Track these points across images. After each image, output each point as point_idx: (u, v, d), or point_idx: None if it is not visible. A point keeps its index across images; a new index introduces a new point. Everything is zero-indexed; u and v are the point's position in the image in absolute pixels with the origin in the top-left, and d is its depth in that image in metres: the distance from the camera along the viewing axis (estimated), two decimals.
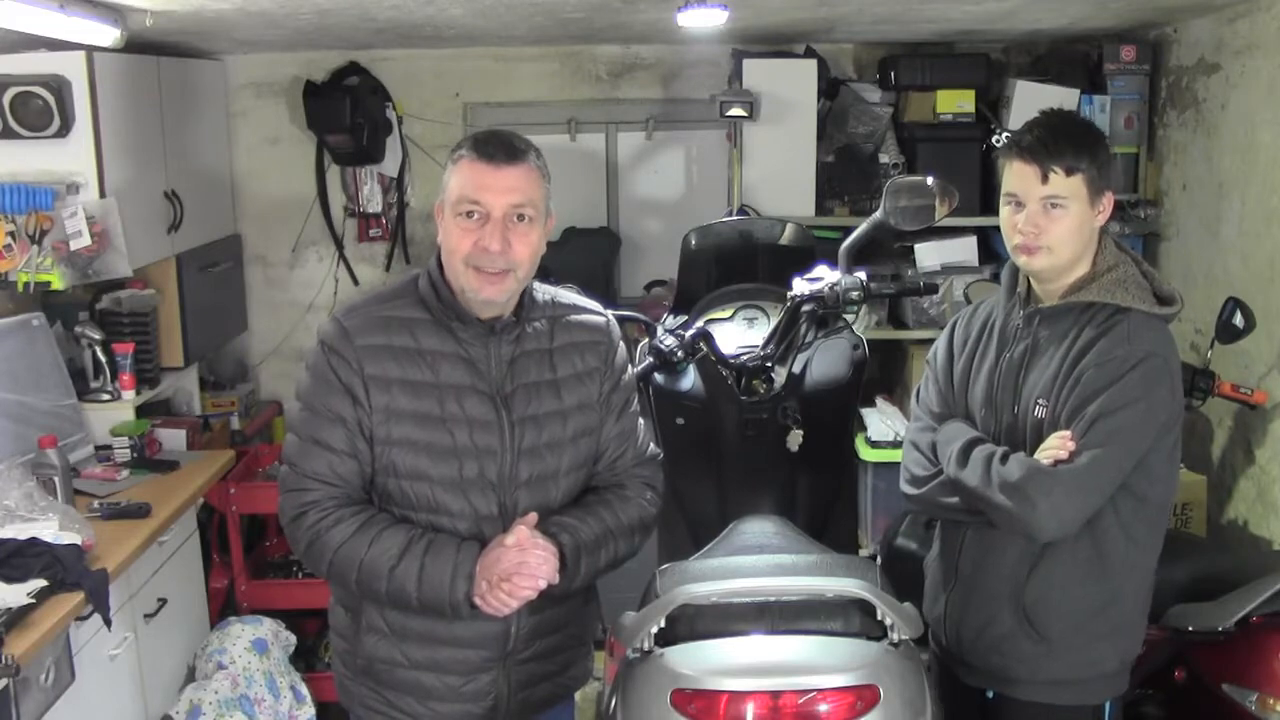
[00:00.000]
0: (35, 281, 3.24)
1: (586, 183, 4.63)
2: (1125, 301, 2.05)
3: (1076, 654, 2.12)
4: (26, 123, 3.23)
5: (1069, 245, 2.07)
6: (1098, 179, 2.06)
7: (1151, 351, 2.02)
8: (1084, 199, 2.05)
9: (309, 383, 2.02)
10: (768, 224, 3.26)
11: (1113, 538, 2.08)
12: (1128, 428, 1.99)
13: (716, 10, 2.98)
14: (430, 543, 1.94)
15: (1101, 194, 2.08)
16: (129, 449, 3.42)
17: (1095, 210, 2.08)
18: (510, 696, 2.09)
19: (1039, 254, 2.08)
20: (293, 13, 3.20)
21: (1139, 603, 2.18)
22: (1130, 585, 2.14)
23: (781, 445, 2.58)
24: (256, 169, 4.59)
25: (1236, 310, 3.13)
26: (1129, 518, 2.08)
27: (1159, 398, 2.02)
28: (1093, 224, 2.09)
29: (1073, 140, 2.05)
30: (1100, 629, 2.12)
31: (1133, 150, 4.06)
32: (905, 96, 4.13)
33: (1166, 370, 2.04)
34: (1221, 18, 3.52)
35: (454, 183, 1.97)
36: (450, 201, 1.97)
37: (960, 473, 2.10)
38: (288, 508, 2.00)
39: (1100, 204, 2.08)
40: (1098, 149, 2.08)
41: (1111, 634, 2.14)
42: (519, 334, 2.03)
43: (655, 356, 2.63)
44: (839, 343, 2.75)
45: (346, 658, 2.12)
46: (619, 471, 2.14)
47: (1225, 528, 3.46)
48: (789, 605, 2.02)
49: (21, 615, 2.40)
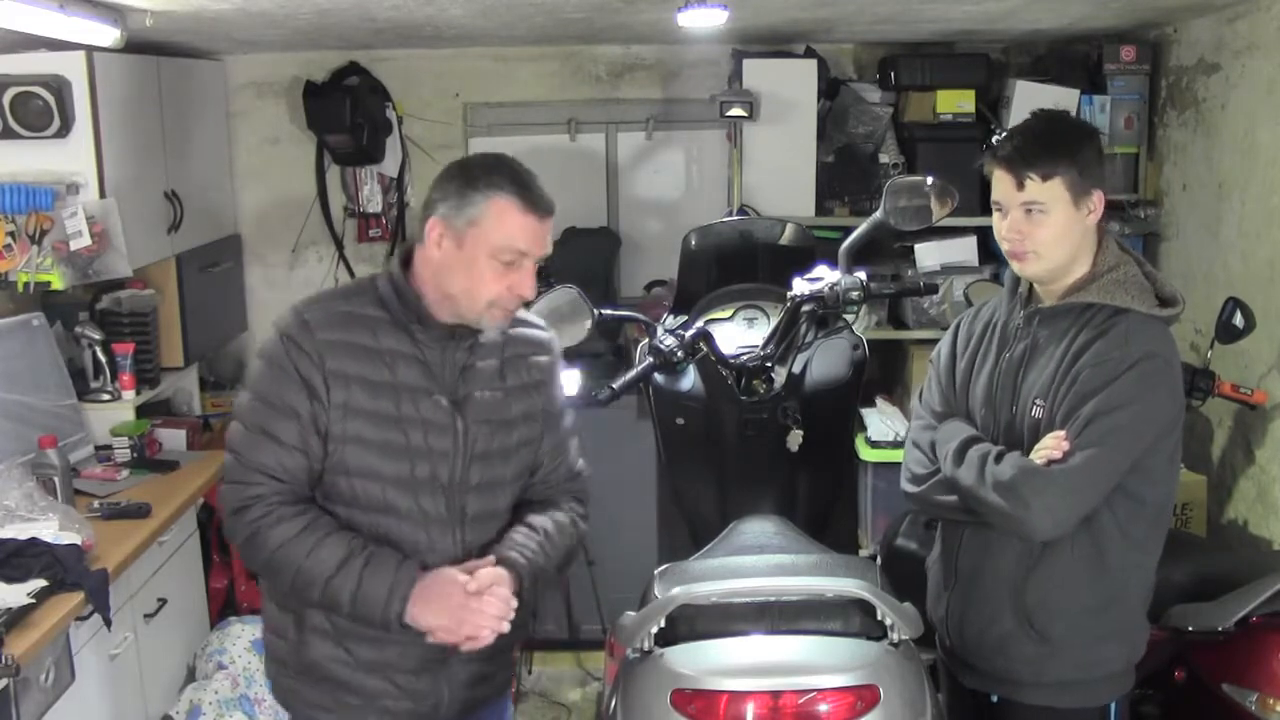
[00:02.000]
0: (35, 281, 3.24)
1: (586, 183, 4.63)
2: (1124, 302, 2.04)
3: (1079, 655, 2.12)
4: (26, 123, 3.23)
5: (1056, 248, 2.07)
6: (1080, 180, 2.05)
7: (1150, 352, 2.01)
8: (1065, 201, 2.05)
9: (264, 372, 1.99)
10: (768, 224, 3.26)
11: (1111, 538, 2.08)
12: (1123, 428, 1.99)
13: (716, 10, 2.98)
14: (370, 557, 1.93)
15: (1088, 194, 2.06)
16: (129, 449, 3.42)
17: (1082, 211, 2.07)
18: (452, 697, 2.10)
19: (1028, 259, 2.09)
20: (293, 13, 3.20)
21: (1141, 603, 2.18)
22: (1131, 586, 2.14)
23: (781, 445, 2.58)
24: (256, 169, 4.59)
25: (1236, 310, 3.13)
26: (1126, 519, 2.07)
27: (1156, 399, 2.02)
28: (1082, 225, 2.08)
29: (1048, 144, 2.05)
30: (1102, 630, 2.12)
31: (1133, 150, 4.05)
32: (905, 96, 4.13)
33: (1165, 371, 2.03)
34: (1221, 18, 3.52)
35: (497, 226, 1.93)
36: (493, 245, 1.93)
37: (956, 471, 2.11)
38: (231, 499, 1.99)
39: (1088, 204, 2.07)
40: (1080, 149, 2.07)
41: (1114, 635, 2.13)
42: (473, 343, 2.04)
43: (655, 356, 2.63)
44: (839, 343, 2.75)
45: (288, 657, 2.09)
46: (551, 485, 2.17)
47: (1225, 528, 3.46)
48: (789, 605, 2.02)
49: (21, 615, 2.40)
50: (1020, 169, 2.05)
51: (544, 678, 4.12)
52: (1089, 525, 2.06)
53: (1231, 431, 3.47)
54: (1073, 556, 2.09)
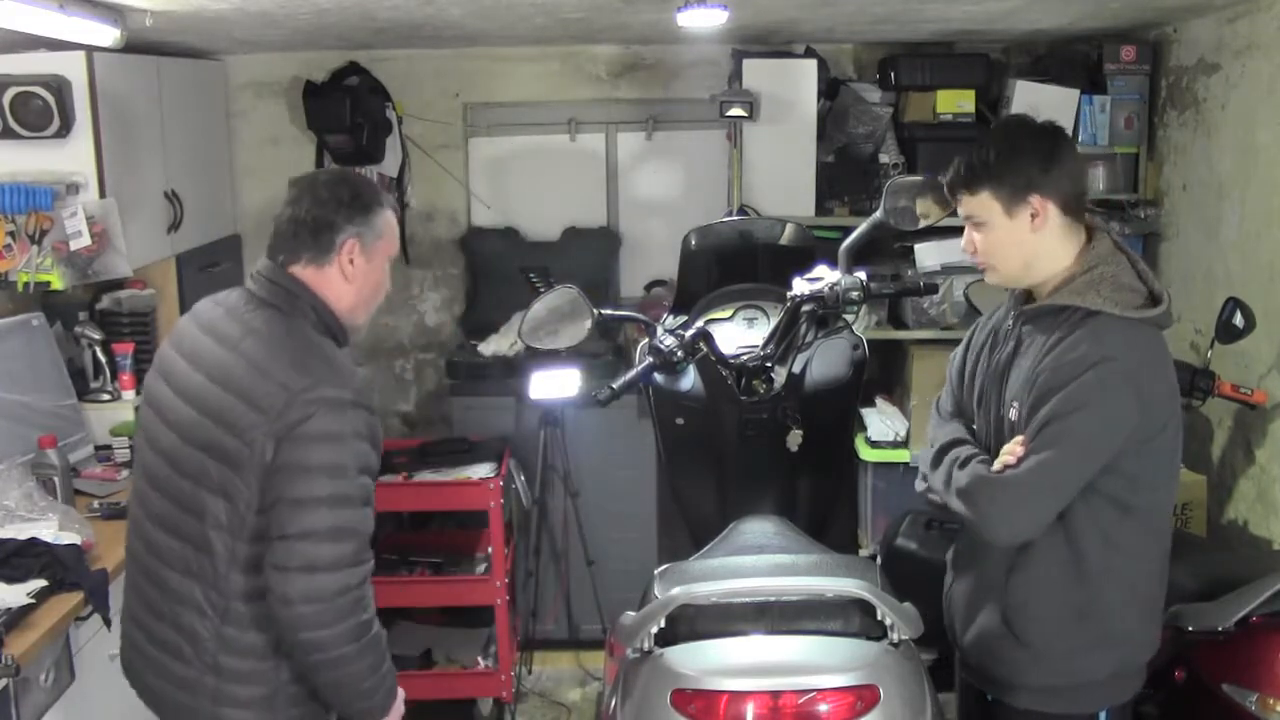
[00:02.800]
0: (35, 281, 3.23)
1: (586, 183, 4.63)
2: (1094, 304, 2.02)
3: (1061, 662, 2.10)
4: (26, 123, 3.22)
5: (1004, 258, 2.11)
6: (1011, 191, 2.06)
7: (1107, 356, 1.98)
8: (998, 212, 2.07)
9: (360, 447, 1.95)
10: (768, 224, 3.26)
11: (1091, 546, 2.05)
12: (1077, 432, 1.97)
13: (716, 10, 2.98)
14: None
15: (1022, 202, 2.06)
16: (129, 449, 3.42)
17: (1019, 220, 2.07)
18: None
19: (988, 270, 2.16)
20: (292, 13, 3.20)
21: (1132, 612, 2.12)
22: (1114, 595, 2.09)
23: (781, 445, 2.59)
24: (256, 169, 4.59)
25: (1236, 310, 3.13)
26: (1111, 526, 2.05)
27: (1113, 402, 1.98)
28: (1027, 231, 2.07)
29: (976, 158, 2.09)
30: (1083, 638, 2.09)
31: (1133, 150, 4.05)
32: (905, 96, 4.13)
33: (1124, 374, 1.98)
34: (1221, 18, 3.52)
35: (391, 238, 2.18)
36: (389, 254, 2.18)
37: (931, 475, 2.15)
38: (354, 581, 1.92)
39: (1024, 212, 2.06)
40: (1013, 158, 2.06)
41: (1097, 644, 2.10)
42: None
43: (655, 356, 2.63)
44: (839, 343, 2.75)
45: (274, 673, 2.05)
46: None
47: (1225, 528, 3.46)
48: (789, 605, 2.03)
49: (21, 615, 2.40)
50: (954, 188, 2.13)
51: (544, 678, 4.13)
52: (1066, 531, 2.05)
53: (1231, 431, 3.47)
54: (1049, 561, 2.08)
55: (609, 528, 4.06)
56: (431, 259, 4.69)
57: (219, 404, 1.96)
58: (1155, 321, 2.04)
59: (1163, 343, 2.08)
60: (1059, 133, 2.13)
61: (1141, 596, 2.13)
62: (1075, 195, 2.10)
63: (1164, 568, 2.16)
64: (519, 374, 3.99)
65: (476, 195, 4.64)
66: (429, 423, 4.75)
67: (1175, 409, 2.08)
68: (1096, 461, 2.00)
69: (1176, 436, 2.10)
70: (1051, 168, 2.06)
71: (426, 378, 4.78)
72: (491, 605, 3.67)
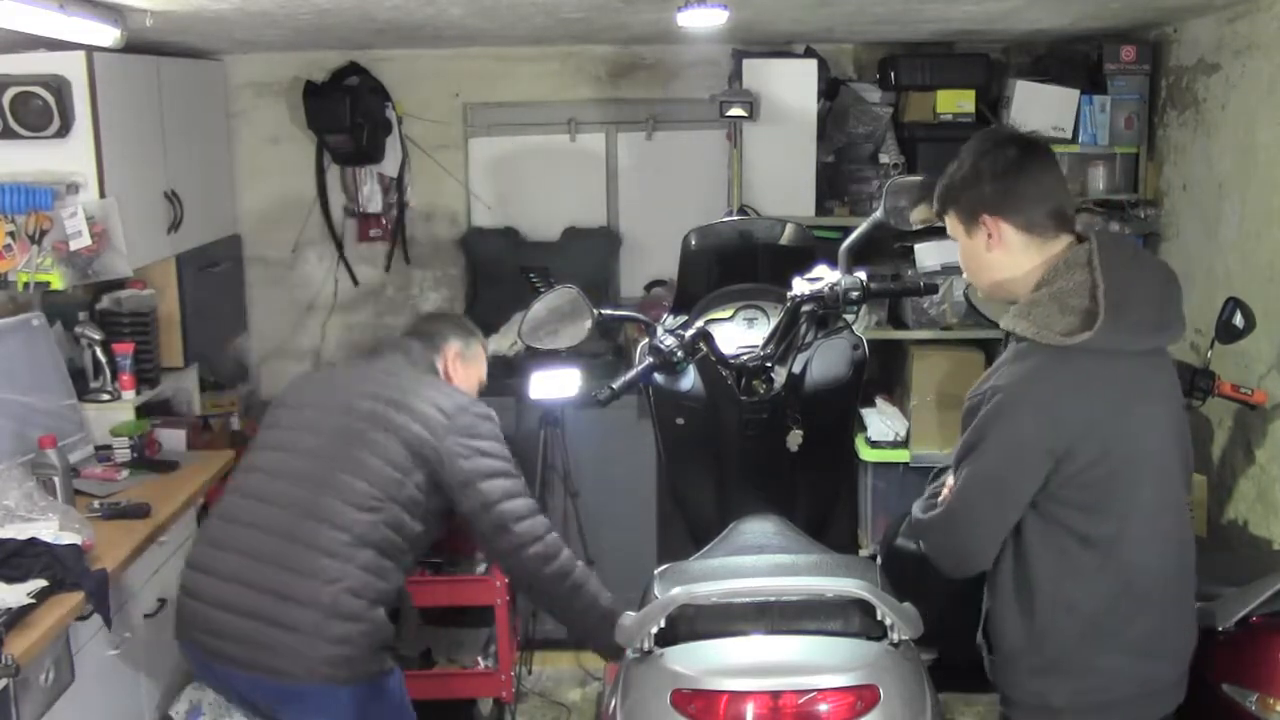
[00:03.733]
0: (35, 281, 3.24)
1: (586, 183, 4.63)
2: (1020, 329, 2.00)
3: (1023, 679, 2.11)
4: (26, 123, 3.23)
5: (976, 273, 2.16)
6: (967, 212, 2.08)
7: (996, 387, 1.98)
8: (961, 232, 2.13)
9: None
10: (768, 224, 3.26)
11: (1042, 572, 2.04)
12: (978, 469, 2.01)
13: (716, 10, 2.98)
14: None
15: (976, 222, 2.07)
16: (129, 449, 3.42)
17: (976, 240, 2.09)
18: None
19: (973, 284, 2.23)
20: (293, 13, 3.20)
21: (1091, 645, 2.05)
22: (1067, 624, 2.04)
23: (781, 445, 2.58)
24: (256, 169, 4.59)
25: (1236, 310, 3.13)
26: (1069, 556, 2.02)
27: (1012, 427, 1.96)
28: (984, 250, 2.08)
29: (941, 181, 2.14)
30: (1035, 663, 2.08)
31: (1133, 150, 4.05)
32: (905, 96, 4.13)
33: (1024, 399, 1.95)
34: (1221, 18, 3.52)
35: (483, 365, 3.02)
36: (480, 376, 3.02)
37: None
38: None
39: (981, 231, 2.07)
40: (967, 181, 2.07)
41: (1050, 670, 2.07)
42: None
43: (655, 356, 2.63)
44: (839, 343, 2.75)
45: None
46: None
47: (1225, 528, 3.46)
48: (789, 605, 2.02)
49: (21, 615, 2.40)
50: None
51: (544, 678, 4.12)
52: (1017, 555, 2.07)
53: (1231, 431, 3.47)
54: (1006, 579, 2.09)
55: (609, 528, 4.06)
56: (431, 259, 4.69)
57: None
58: (1083, 347, 1.93)
59: (1087, 370, 1.96)
60: (1027, 148, 2.07)
61: (1107, 634, 2.05)
62: (1045, 212, 2.04)
63: (1138, 608, 2.05)
64: (519, 374, 3.99)
65: (476, 195, 4.64)
66: None
67: (1106, 439, 1.97)
68: (1012, 488, 1.99)
69: (1123, 472, 1.99)
70: (1007, 189, 2.03)
71: None
72: (491, 605, 3.67)
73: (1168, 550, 2.08)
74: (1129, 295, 1.96)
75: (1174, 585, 2.11)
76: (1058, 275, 2.01)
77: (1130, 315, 1.95)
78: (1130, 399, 1.99)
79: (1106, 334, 1.92)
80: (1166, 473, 2.06)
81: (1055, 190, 2.07)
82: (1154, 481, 2.03)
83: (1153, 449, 2.03)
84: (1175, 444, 2.08)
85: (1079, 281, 1.98)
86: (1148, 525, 2.03)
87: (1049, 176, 2.07)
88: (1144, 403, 2.01)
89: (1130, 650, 2.06)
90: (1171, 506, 2.09)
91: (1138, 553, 2.03)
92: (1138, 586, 2.04)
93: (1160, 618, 2.08)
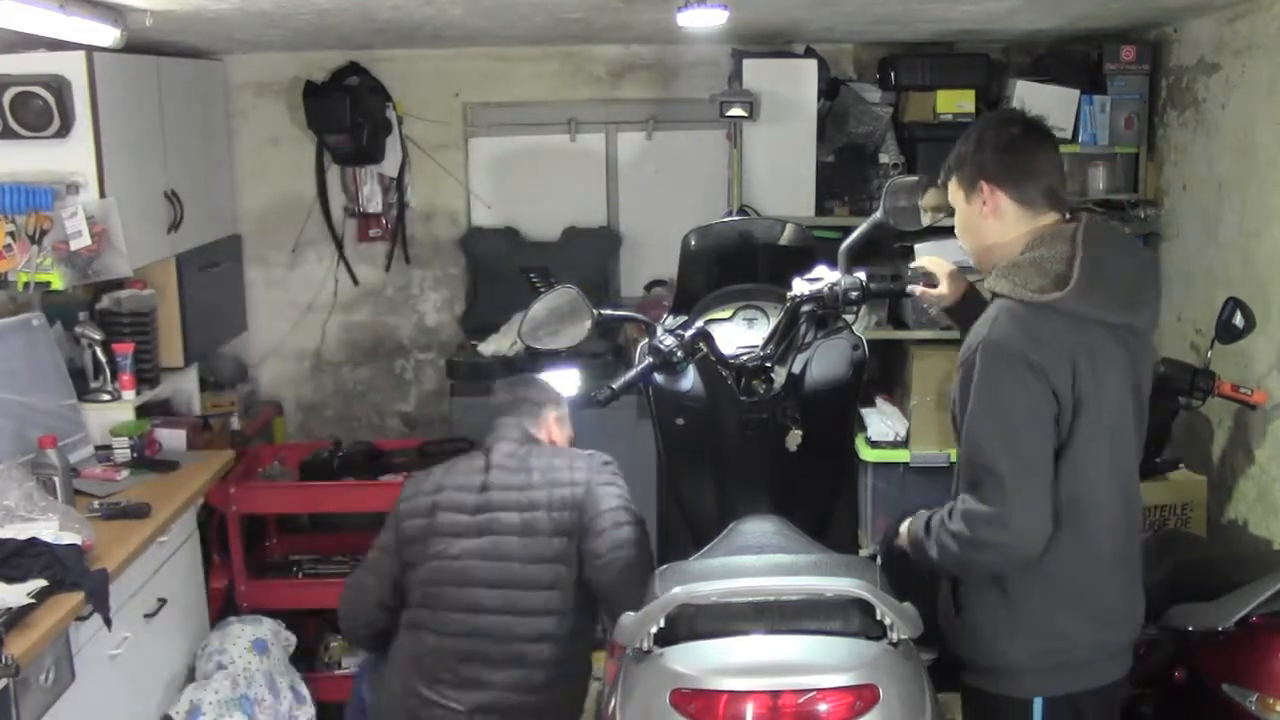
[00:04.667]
0: (35, 281, 3.24)
1: (586, 183, 4.63)
2: (998, 288, 2.12)
3: (988, 639, 2.16)
4: (26, 123, 3.23)
5: (968, 238, 2.27)
6: (968, 178, 2.20)
7: (980, 336, 2.08)
8: (961, 198, 2.25)
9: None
10: (768, 224, 3.26)
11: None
12: (995, 418, 2.07)
13: (716, 10, 2.98)
14: None
15: (975, 188, 2.19)
16: (129, 449, 3.42)
17: (975, 205, 2.20)
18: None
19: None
20: (293, 13, 3.20)
21: (1062, 613, 2.12)
22: (1036, 589, 2.11)
23: (781, 445, 2.58)
24: (256, 169, 4.59)
25: (1236, 310, 3.13)
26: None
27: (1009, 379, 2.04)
28: (979, 216, 2.20)
29: (951, 154, 2.28)
30: (1005, 620, 2.13)
31: (1133, 150, 4.05)
32: (905, 96, 4.13)
33: (1000, 357, 2.05)
34: (1221, 18, 3.52)
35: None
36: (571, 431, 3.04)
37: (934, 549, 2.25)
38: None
39: (978, 197, 2.19)
40: (972, 149, 2.20)
41: (1018, 629, 2.13)
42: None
43: (655, 356, 2.63)
44: (839, 343, 2.75)
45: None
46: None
47: (1225, 528, 3.46)
48: (789, 605, 2.02)
49: (21, 615, 2.40)
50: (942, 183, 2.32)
51: None
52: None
53: (1231, 431, 3.47)
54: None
55: None
56: (431, 259, 4.69)
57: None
58: (1055, 306, 2.05)
59: (1057, 326, 2.05)
60: (1030, 128, 2.21)
61: (1070, 599, 2.12)
62: (1039, 189, 2.16)
63: (1101, 576, 2.13)
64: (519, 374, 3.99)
65: (476, 195, 4.64)
66: (429, 423, 4.75)
67: (1079, 391, 2.05)
68: (1036, 430, 2.04)
69: (1089, 428, 2.07)
70: (1007, 161, 2.16)
71: (426, 378, 4.78)
72: None
73: (1118, 515, 2.16)
74: (1103, 269, 2.08)
75: (1128, 554, 2.19)
76: (1041, 244, 2.13)
77: (1101, 287, 2.07)
78: (1095, 361, 2.07)
79: (1075, 298, 2.04)
80: (1124, 443, 2.15)
81: (1050, 170, 2.20)
82: (1111, 449, 2.11)
83: (1113, 413, 2.10)
84: (1134, 422, 2.16)
85: (1060, 251, 2.10)
86: (1101, 490, 2.11)
87: (1046, 156, 2.20)
88: (1107, 370, 2.09)
89: (1091, 616, 2.14)
90: (1125, 475, 2.17)
91: (1092, 517, 2.11)
92: (1102, 554, 2.13)
93: (1114, 581, 2.17)
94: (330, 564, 3.91)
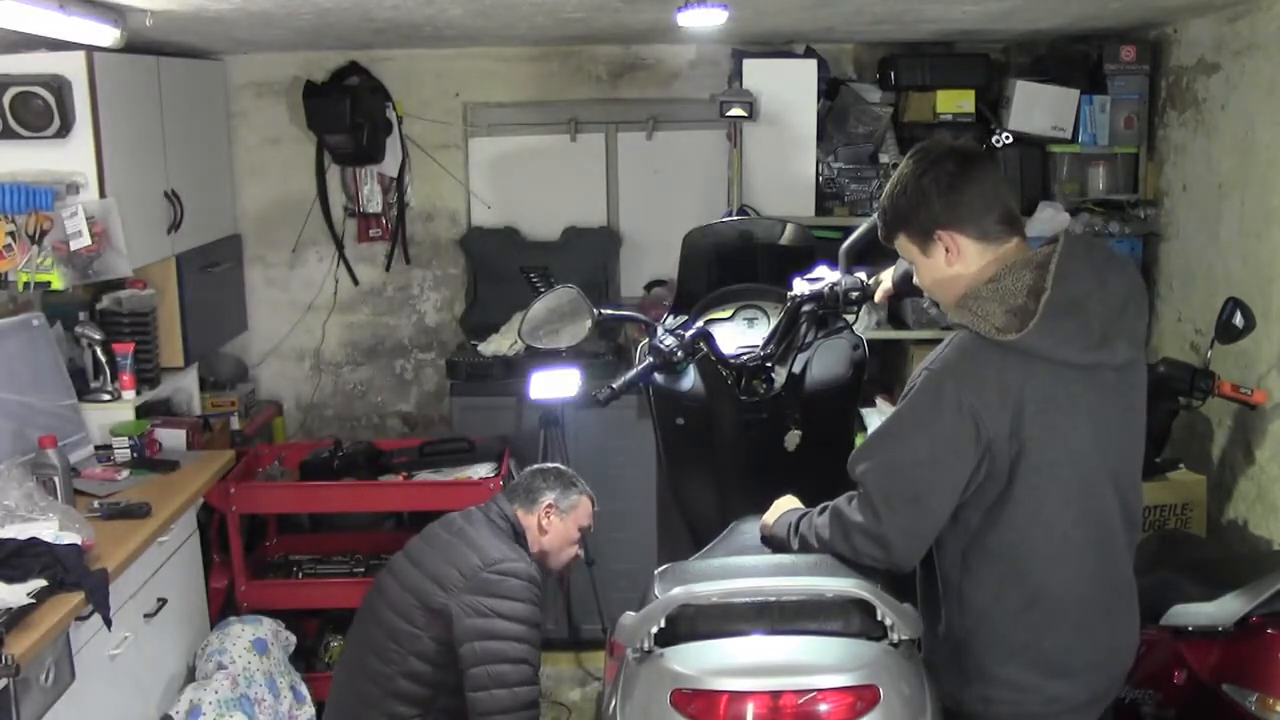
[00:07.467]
0: (35, 281, 3.24)
1: (586, 183, 4.63)
2: (958, 319, 2.03)
3: (946, 680, 2.08)
4: (26, 123, 3.23)
5: (939, 292, 2.13)
6: (920, 232, 2.07)
7: (927, 367, 2.01)
8: (916, 253, 2.11)
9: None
10: (768, 224, 3.26)
11: (950, 568, 2.08)
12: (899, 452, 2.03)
13: (716, 10, 2.98)
14: None
15: (929, 238, 2.07)
16: (129, 449, 3.42)
17: (934, 257, 2.08)
18: None
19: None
20: (293, 13, 3.20)
21: (999, 656, 2.05)
22: (977, 633, 2.05)
23: (781, 445, 2.58)
24: (256, 169, 4.59)
25: (1236, 310, 3.13)
26: (973, 559, 2.04)
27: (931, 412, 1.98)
28: (944, 267, 2.07)
29: (884, 210, 2.14)
30: (944, 658, 2.09)
31: (1133, 150, 4.05)
32: (905, 96, 4.13)
33: (939, 387, 1.97)
34: (1221, 18, 3.52)
35: (585, 513, 3.13)
36: (580, 523, 3.11)
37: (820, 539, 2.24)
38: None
39: (938, 247, 2.06)
40: (914, 200, 2.06)
41: (967, 679, 2.07)
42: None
43: (655, 356, 2.63)
44: (839, 343, 2.75)
45: None
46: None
47: (1225, 528, 3.46)
48: (789, 605, 2.02)
49: (21, 615, 2.40)
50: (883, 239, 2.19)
51: (544, 677, 4.11)
52: (936, 554, 2.09)
53: (1231, 431, 3.47)
54: (927, 569, 2.12)
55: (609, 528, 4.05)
56: (431, 259, 4.69)
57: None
58: (1014, 346, 1.94)
59: (1014, 365, 1.95)
60: (965, 159, 2.06)
61: (1018, 649, 2.04)
62: (994, 219, 2.04)
63: (1049, 623, 2.03)
64: (519, 374, 3.99)
65: (476, 195, 4.64)
66: (429, 423, 4.75)
67: (1025, 439, 1.96)
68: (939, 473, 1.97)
69: (1030, 479, 1.98)
70: (955, 200, 2.03)
71: (426, 378, 4.78)
72: None
73: (1084, 567, 2.04)
74: (1075, 304, 1.96)
75: (1093, 602, 2.05)
76: (1006, 273, 2.01)
77: (1068, 326, 1.95)
78: (1049, 406, 1.96)
79: (1036, 338, 1.93)
80: (1088, 488, 2.02)
81: (1001, 195, 2.07)
82: (1068, 496, 2.00)
83: (1071, 461, 1.99)
84: (1102, 460, 2.03)
85: (1023, 281, 1.99)
86: (1055, 540, 2.01)
87: (992, 183, 2.07)
88: (1067, 414, 1.98)
89: (1038, 666, 2.04)
90: (1092, 523, 2.03)
91: (1044, 567, 2.02)
92: (1048, 601, 2.03)
93: (1073, 635, 2.04)
94: (330, 564, 3.91)
